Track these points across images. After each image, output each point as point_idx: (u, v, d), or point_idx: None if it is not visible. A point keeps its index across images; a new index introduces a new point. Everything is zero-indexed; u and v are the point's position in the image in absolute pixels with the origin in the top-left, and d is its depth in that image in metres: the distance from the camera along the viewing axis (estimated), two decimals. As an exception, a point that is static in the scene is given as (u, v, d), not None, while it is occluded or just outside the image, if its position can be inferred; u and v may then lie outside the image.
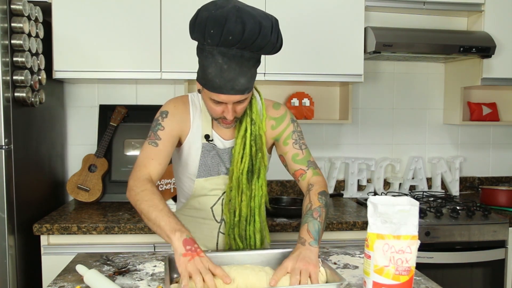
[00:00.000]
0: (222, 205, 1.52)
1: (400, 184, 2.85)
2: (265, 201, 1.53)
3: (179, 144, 1.49)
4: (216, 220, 1.53)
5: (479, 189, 2.79)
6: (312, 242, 1.26)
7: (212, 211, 1.53)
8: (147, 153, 1.40)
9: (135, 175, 1.36)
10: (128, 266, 1.39)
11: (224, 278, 1.12)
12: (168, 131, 1.43)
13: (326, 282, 1.21)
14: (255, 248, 1.50)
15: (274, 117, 1.53)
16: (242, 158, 1.45)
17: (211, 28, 1.21)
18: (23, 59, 1.89)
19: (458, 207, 2.32)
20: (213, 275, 1.14)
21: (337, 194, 2.61)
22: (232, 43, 1.22)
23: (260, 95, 1.51)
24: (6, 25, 1.85)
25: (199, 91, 1.43)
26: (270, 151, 1.59)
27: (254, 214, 1.49)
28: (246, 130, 1.45)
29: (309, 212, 1.36)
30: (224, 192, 1.51)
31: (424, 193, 2.72)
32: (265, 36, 1.24)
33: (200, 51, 1.32)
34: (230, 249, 1.52)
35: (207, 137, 1.47)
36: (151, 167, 1.38)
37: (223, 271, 1.14)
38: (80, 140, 2.65)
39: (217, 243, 1.55)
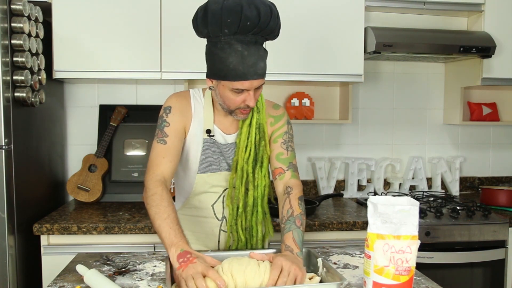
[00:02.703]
0: (223, 202, 1.53)
1: (400, 184, 2.85)
2: (269, 193, 1.54)
3: None
4: (217, 218, 1.54)
5: (479, 189, 2.79)
6: (298, 253, 1.29)
7: (213, 209, 1.53)
8: (157, 152, 1.41)
9: (149, 176, 1.38)
10: (128, 266, 1.39)
11: (216, 279, 1.12)
12: (174, 126, 1.44)
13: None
14: (256, 248, 1.51)
15: (273, 115, 1.56)
16: (246, 146, 1.46)
17: (228, 17, 1.26)
18: (23, 59, 1.89)
19: (458, 207, 2.32)
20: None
21: (337, 194, 2.61)
22: (249, 28, 1.28)
23: None
24: (6, 25, 1.84)
25: (210, 88, 1.43)
26: None
27: (257, 204, 1.50)
28: (252, 118, 1.47)
29: (292, 219, 1.39)
30: (225, 189, 1.52)
31: (424, 193, 2.72)
32: (275, 18, 1.33)
33: (213, 45, 1.33)
34: (230, 248, 1.52)
35: (208, 131, 1.48)
36: (163, 166, 1.39)
37: (215, 274, 1.13)
38: (80, 140, 2.65)
39: (218, 241, 1.55)
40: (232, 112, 1.42)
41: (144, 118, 2.57)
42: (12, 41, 1.87)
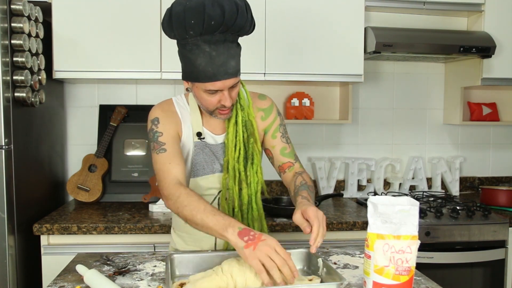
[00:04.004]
0: (218, 204, 1.52)
1: (400, 184, 2.85)
2: (264, 189, 1.54)
3: None
4: None
5: (479, 189, 2.79)
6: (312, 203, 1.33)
7: None
8: (161, 161, 1.39)
9: (165, 184, 1.35)
10: (128, 266, 1.39)
11: (288, 259, 1.12)
12: (168, 133, 1.43)
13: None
14: None
15: (262, 108, 1.55)
16: (235, 145, 1.46)
17: (191, 19, 1.23)
18: (23, 59, 1.89)
19: (458, 207, 2.32)
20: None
21: (337, 194, 2.61)
22: (214, 28, 1.24)
23: (241, 82, 1.51)
24: (6, 25, 1.84)
25: (187, 89, 1.43)
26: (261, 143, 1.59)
27: (251, 201, 1.49)
28: (237, 116, 1.46)
29: (305, 186, 1.42)
30: (220, 191, 1.51)
31: (424, 193, 2.72)
32: (243, 14, 1.27)
33: (182, 47, 1.32)
34: (228, 249, 1.51)
35: (199, 134, 1.48)
36: (173, 170, 1.37)
37: (283, 250, 1.13)
38: (80, 140, 2.65)
39: (215, 243, 1.54)
40: (211, 113, 1.41)
41: (144, 118, 2.53)
42: (12, 41, 1.87)
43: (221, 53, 1.28)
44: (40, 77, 2.09)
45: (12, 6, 1.86)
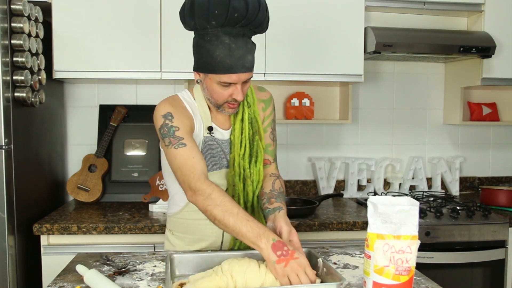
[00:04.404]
0: None
1: (400, 184, 2.85)
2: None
3: None
4: None
5: (479, 189, 2.79)
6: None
7: None
8: (183, 156, 1.33)
9: (193, 179, 1.30)
10: (128, 266, 1.39)
11: (312, 277, 1.14)
12: (184, 128, 1.39)
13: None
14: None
15: (263, 99, 1.57)
16: (241, 143, 1.46)
17: (215, 9, 1.24)
18: (23, 59, 1.89)
19: (458, 207, 2.32)
20: None
21: (337, 194, 2.61)
22: (237, 20, 1.26)
23: None
24: (6, 25, 1.84)
25: (197, 82, 1.42)
26: None
27: (253, 199, 1.50)
28: (243, 113, 1.47)
29: (283, 196, 1.47)
30: (227, 188, 1.51)
31: (424, 193, 2.72)
32: (263, 10, 1.30)
33: (201, 37, 1.32)
34: (232, 249, 1.52)
35: (210, 129, 1.47)
36: (198, 165, 1.33)
37: (313, 272, 1.15)
38: (80, 140, 2.65)
39: (222, 242, 1.53)
40: (220, 106, 1.41)
41: (144, 118, 2.57)
42: (12, 41, 1.87)
43: (240, 46, 1.29)
44: (40, 77, 2.09)
45: (12, 6, 1.86)
